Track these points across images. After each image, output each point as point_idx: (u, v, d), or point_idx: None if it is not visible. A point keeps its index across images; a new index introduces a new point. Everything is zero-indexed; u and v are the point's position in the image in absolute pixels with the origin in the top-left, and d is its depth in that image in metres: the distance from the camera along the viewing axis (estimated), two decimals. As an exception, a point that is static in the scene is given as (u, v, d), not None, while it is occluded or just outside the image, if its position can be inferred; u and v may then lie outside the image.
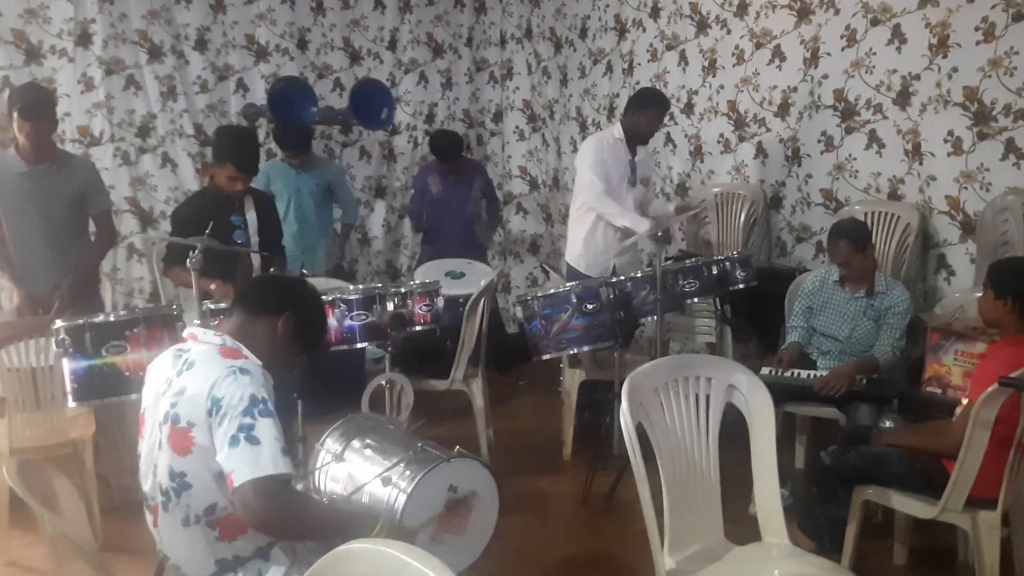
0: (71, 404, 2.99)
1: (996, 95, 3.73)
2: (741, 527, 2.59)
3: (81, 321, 2.89)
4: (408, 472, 2.47)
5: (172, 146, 5.53)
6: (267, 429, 1.94)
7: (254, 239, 3.83)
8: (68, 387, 2.91)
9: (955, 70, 3.88)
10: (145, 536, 2.20)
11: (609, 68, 5.97)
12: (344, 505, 2.49)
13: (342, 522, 2.17)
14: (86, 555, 1.86)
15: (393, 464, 2.52)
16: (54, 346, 2.91)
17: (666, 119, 5.50)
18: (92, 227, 4.16)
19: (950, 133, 3.93)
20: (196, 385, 1.98)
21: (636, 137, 4.46)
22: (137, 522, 2.17)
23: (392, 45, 6.38)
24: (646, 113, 4.41)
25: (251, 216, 3.82)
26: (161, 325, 2.98)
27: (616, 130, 4.50)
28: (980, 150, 3.82)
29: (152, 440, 2.08)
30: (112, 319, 2.96)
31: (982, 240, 3.75)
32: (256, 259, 3.83)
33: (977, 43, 3.77)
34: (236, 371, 1.97)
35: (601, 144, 4.46)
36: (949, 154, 3.95)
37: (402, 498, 2.42)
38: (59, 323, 2.88)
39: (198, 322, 3.00)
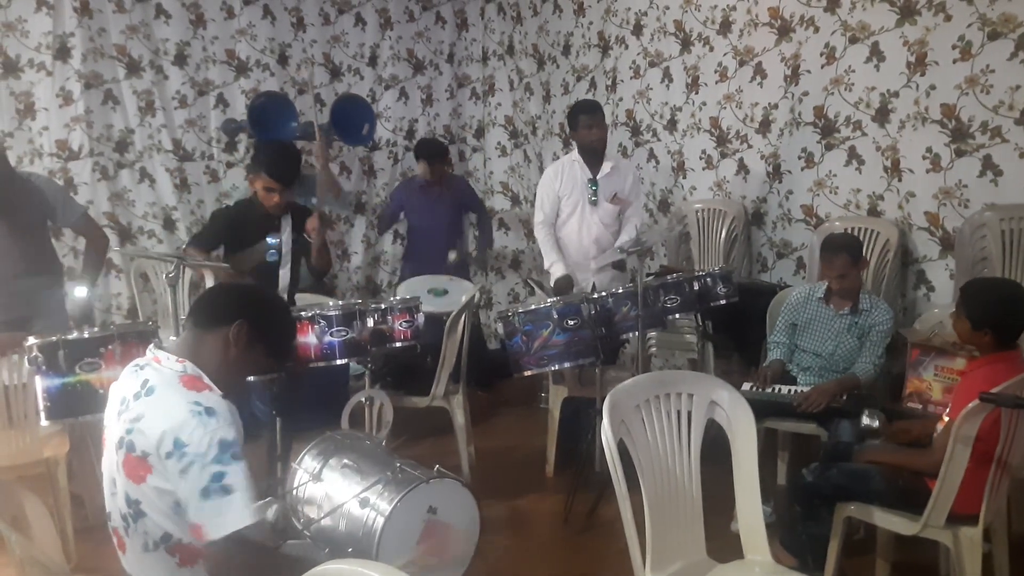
0: (44, 422, 2.93)
1: (973, 112, 3.77)
2: (723, 544, 2.56)
3: (54, 338, 2.83)
4: (386, 493, 2.44)
5: (150, 161, 5.49)
6: (238, 476, 1.86)
7: (287, 260, 3.79)
8: (41, 405, 2.84)
9: (933, 88, 3.92)
10: (118, 557, 2.15)
11: (593, 84, 5.99)
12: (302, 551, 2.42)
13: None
14: (55, 578, 1.81)
15: (371, 485, 2.48)
16: (27, 363, 2.85)
17: (648, 135, 5.55)
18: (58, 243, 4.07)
19: (928, 150, 3.96)
20: (154, 418, 1.88)
21: (588, 152, 4.49)
22: (111, 543, 2.13)
23: (372, 61, 6.37)
24: (576, 125, 4.48)
25: (286, 237, 3.78)
26: (136, 342, 2.92)
27: (574, 152, 4.57)
28: (958, 167, 3.85)
29: (110, 460, 2.02)
30: (86, 336, 2.91)
31: (961, 256, 3.77)
32: (285, 277, 3.80)
33: (954, 61, 3.81)
34: (201, 412, 1.86)
35: (555, 172, 4.59)
36: (928, 171, 3.98)
37: (380, 520, 2.39)
38: (32, 340, 2.82)
39: (174, 338, 2.96)
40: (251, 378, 2.38)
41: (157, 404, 1.91)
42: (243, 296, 2.16)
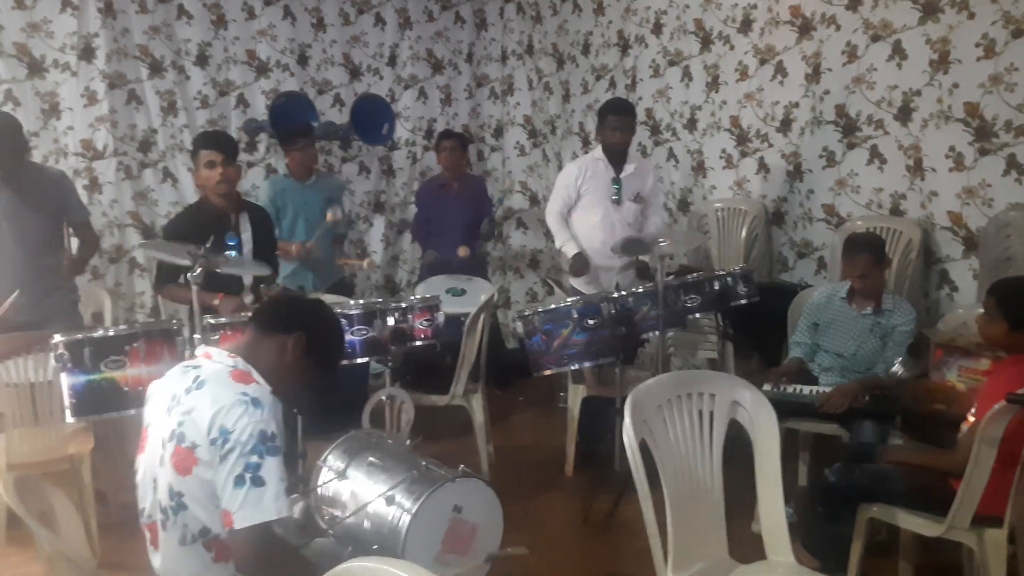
0: (69, 419, 2.97)
1: (997, 111, 3.73)
2: (745, 545, 2.56)
3: (80, 336, 2.88)
4: (412, 492, 2.45)
5: (172, 161, 5.54)
6: (273, 469, 1.92)
7: (248, 259, 3.63)
8: (66, 402, 2.89)
9: (956, 86, 3.88)
10: (143, 554, 2.17)
11: (612, 84, 5.98)
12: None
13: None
14: (83, 573, 1.83)
15: (397, 483, 2.49)
16: (53, 361, 2.89)
17: (668, 134, 5.54)
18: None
19: (951, 149, 3.93)
20: (203, 407, 1.95)
21: (612, 152, 4.49)
22: (135, 539, 2.15)
23: (392, 61, 6.39)
24: (603, 124, 4.49)
25: (247, 236, 3.65)
26: (161, 340, 2.96)
27: (598, 150, 4.57)
28: (981, 166, 3.82)
29: (154, 456, 2.05)
30: (111, 334, 2.95)
31: (985, 256, 3.74)
32: (248, 279, 3.61)
33: (978, 59, 3.78)
34: (248, 401, 1.93)
35: (579, 168, 4.57)
36: (951, 170, 3.94)
37: (407, 518, 2.40)
38: (58, 338, 2.86)
39: (198, 336, 2.98)
40: None
41: (207, 395, 1.97)
42: (306, 309, 2.28)
